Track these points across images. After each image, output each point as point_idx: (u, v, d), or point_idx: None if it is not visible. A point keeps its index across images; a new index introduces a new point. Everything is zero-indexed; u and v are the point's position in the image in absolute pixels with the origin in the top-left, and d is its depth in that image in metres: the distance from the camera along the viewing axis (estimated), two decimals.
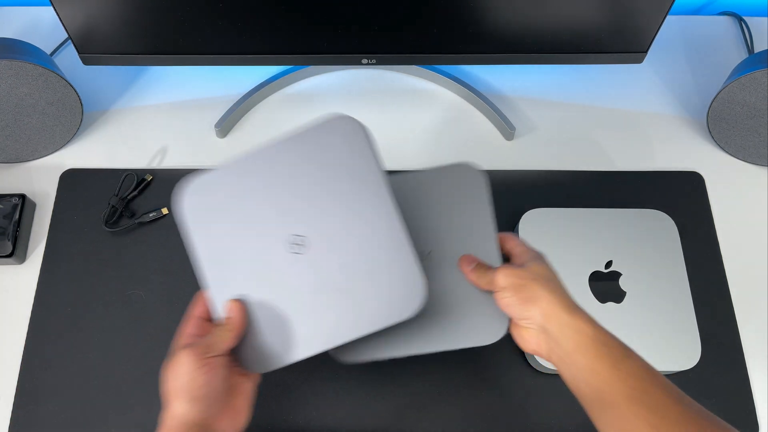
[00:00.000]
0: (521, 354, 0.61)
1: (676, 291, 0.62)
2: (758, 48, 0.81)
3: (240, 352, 0.48)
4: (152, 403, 0.47)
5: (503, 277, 0.48)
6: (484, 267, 0.50)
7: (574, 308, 0.46)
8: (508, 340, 0.62)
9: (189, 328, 0.48)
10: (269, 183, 0.49)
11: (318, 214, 0.48)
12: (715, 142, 0.74)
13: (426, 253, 0.52)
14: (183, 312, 0.49)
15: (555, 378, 0.60)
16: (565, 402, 0.59)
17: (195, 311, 0.49)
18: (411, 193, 0.54)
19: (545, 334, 0.46)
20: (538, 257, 0.50)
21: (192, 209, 0.50)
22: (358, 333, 0.47)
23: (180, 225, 0.49)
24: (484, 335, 0.50)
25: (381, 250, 0.47)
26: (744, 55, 0.81)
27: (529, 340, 0.48)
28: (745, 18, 0.84)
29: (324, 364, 0.60)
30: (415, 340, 0.50)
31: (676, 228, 0.65)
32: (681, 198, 0.71)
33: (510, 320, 0.49)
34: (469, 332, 0.50)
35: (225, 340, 0.47)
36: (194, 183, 0.50)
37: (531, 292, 0.46)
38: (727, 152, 0.74)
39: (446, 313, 0.51)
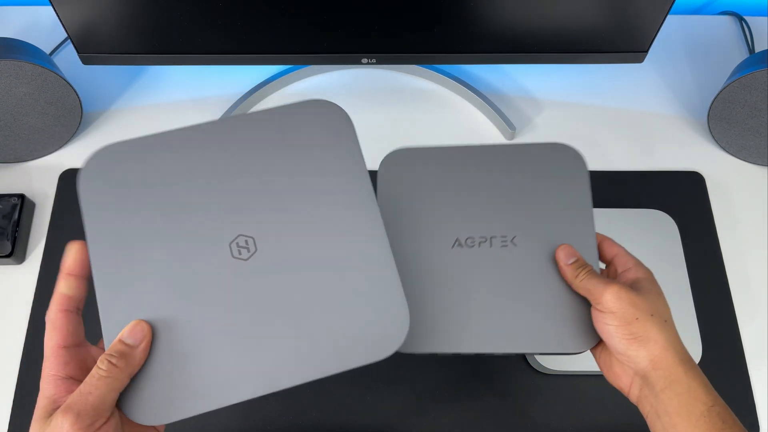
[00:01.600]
0: (521, 354, 0.61)
1: (676, 291, 0.61)
2: (759, 48, 0.81)
3: (129, 398, 0.34)
4: None
5: (614, 300, 0.39)
6: (586, 267, 0.43)
7: (689, 362, 0.39)
8: None
9: (55, 366, 0.33)
10: (211, 163, 0.38)
11: (275, 210, 0.38)
12: (716, 141, 0.74)
13: (510, 239, 0.45)
14: None
15: (555, 378, 0.60)
16: (565, 402, 0.59)
17: (58, 335, 0.34)
18: (498, 167, 0.48)
19: (644, 380, 0.39)
20: (650, 277, 0.43)
21: (95, 184, 0.38)
22: (314, 375, 0.36)
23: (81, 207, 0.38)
24: (567, 343, 0.43)
25: (357, 266, 0.37)
26: (745, 54, 0.81)
27: (620, 376, 0.41)
28: (745, 18, 0.83)
29: None
30: (485, 336, 0.43)
31: (676, 228, 0.65)
32: (681, 198, 0.70)
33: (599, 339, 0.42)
34: (549, 337, 0.43)
35: (116, 387, 0.32)
36: (103, 152, 0.38)
37: (643, 330, 0.39)
38: (727, 152, 0.74)
39: (526, 311, 0.44)
